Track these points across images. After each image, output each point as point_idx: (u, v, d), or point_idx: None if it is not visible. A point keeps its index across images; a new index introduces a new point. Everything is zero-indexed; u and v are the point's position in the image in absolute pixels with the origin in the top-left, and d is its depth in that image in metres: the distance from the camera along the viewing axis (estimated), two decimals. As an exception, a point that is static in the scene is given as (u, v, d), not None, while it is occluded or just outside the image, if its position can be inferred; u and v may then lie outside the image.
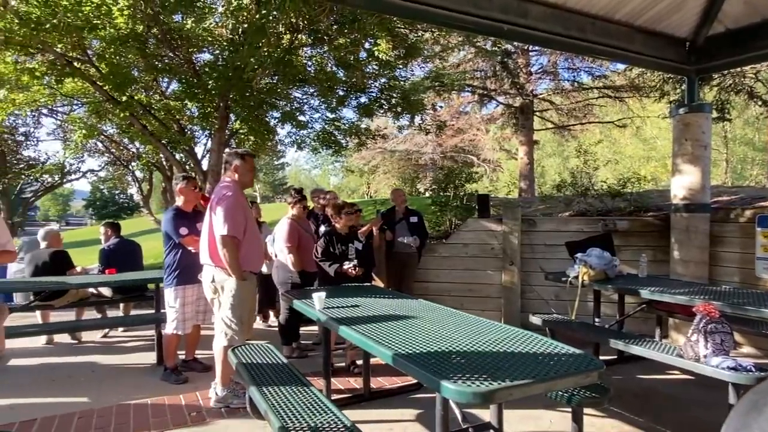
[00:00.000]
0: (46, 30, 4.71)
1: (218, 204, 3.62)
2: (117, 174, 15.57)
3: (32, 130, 12.81)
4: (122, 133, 8.96)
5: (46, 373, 4.66)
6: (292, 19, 5.27)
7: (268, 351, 3.55)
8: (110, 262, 5.87)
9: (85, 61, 5.83)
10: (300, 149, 9.67)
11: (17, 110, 6.99)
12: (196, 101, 6.89)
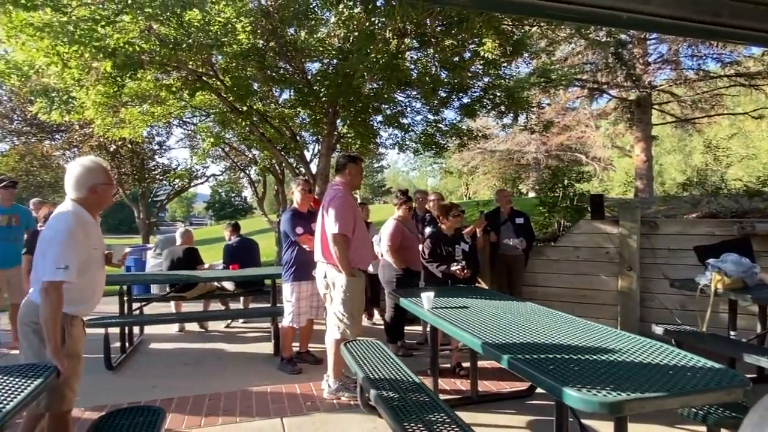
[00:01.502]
0: (182, 49, 5.29)
1: (330, 204, 3.81)
2: (234, 178, 16.95)
3: (165, 139, 14.44)
4: (242, 141, 9.75)
5: (179, 357, 5.19)
6: (399, 23, 5.38)
7: (379, 348, 3.65)
8: (233, 259, 6.42)
9: (212, 75, 6.44)
10: (402, 151, 9.83)
11: (155, 122, 7.93)
12: (307, 109, 7.30)
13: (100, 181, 2.54)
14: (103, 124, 6.92)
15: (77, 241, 2.37)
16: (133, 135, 7.87)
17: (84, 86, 5.82)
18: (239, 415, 3.64)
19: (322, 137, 7.90)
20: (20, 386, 2.16)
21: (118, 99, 6.42)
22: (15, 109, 11.97)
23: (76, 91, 6.02)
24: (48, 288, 2.29)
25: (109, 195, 2.64)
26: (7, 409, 1.95)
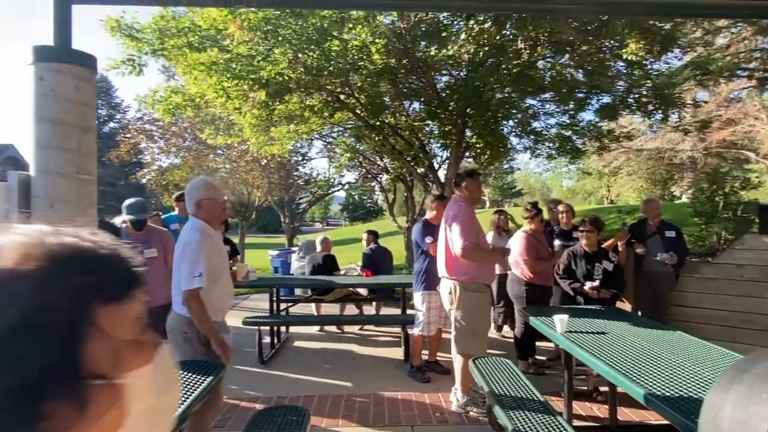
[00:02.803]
0: (323, 75, 5.79)
1: (453, 221, 3.88)
2: (366, 185, 17.84)
3: (307, 150, 15.76)
4: (375, 152, 10.28)
5: (319, 356, 5.66)
6: (531, 33, 5.27)
7: (508, 367, 3.62)
8: (368, 265, 6.82)
9: (349, 95, 6.91)
10: (534, 157, 9.51)
11: (299, 138, 8.74)
12: (437, 120, 7.46)
13: (205, 196, 2.85)
14: (257, 142, 7.84)
15: (206, 250, 2.71)
16: (281, 151, 8.76)
17: (242, 112, 6.68)
18: (372, 418, 3.87)
19: (450, 147, 8.00)
20: (196, 381, 2.58)
21: (269, 120, 7.21)
22: (186, 129, 14.05)
23: (236, 117, 6.93)
24: (188, 296, 2.66)
25: (215, 208, 2.88)
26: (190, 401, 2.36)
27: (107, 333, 0.48)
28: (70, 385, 0.44)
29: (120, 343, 0.49)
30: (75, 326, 0.45)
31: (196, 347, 2.84)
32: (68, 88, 3.27)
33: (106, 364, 0.47)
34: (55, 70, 3.26)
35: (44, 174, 3.23)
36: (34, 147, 3.27)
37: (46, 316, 0.43)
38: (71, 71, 3.31)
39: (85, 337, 0.46)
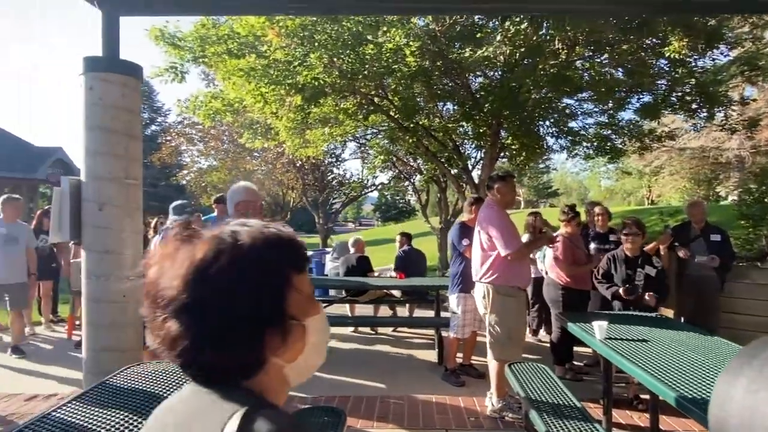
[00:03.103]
0: (358, 79, 5.85)
1: (488, 225, 3.85)
2: (399, 186, 17.89)
3: (340, 152, 15.95)
4: (409, 154, 10.30)
5: (354, 356, 5.71)
6: (569, 33, 5.17)
7: (544, 372, 3.57)
8: (401, 267, 6.85)
9: (383, 97, 6.95)
10: (571, 157, 9.32)
11: (333, 141, 8.85)
12: (471, 122, 7.42)
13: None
14: (292, 144, 7.99)
15: None
16: (316, 153, 8.89)
17: (279, 116, 6.82)
18: (407, 421, 3.89)
19: (485, 148, 7.94)
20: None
21: (305, 124, 7.34)
22: (224, 132, 14.45)
23: (273, 121, 7.08)
24: None
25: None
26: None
27: (299, 291, 0.75)
28: (279, 322, 0.72)
29: (305, 298, 0.76)
30: (282, 285, 0.73)
31: None
32: (115, 97, 3.43)
33: (298, 311, 0.75)
34: (104, 79, 3.42)
35: (94, 179, 3.40)
36: (84, 154, 3.44)
37: (269, 278, 0.72)
38: (118, 80, 3.47)
39: (287, 293, 0.73)
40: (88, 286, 3.40)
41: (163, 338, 0.69)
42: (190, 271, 0.68)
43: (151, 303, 0.71)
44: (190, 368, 0.72)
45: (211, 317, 0.68)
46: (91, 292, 3.38)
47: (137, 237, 3.57)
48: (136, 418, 2.04)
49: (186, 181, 19.10)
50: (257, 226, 0.75)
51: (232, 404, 0.66)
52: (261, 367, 0.72)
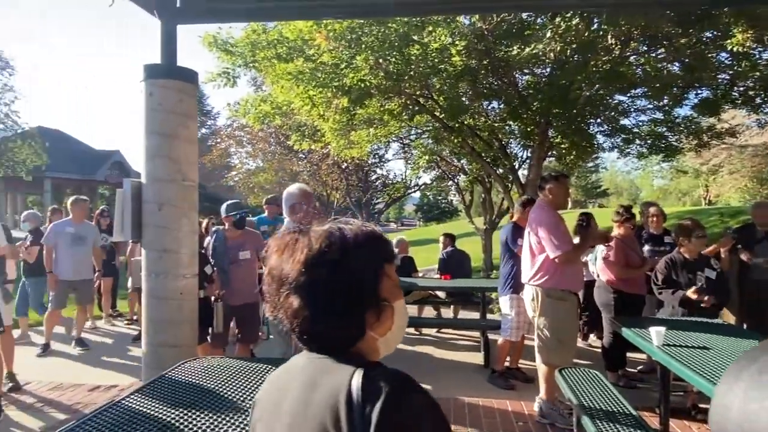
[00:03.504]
0: (404, 80, 5.87)
1: (538, 226, 3.76)
2: (442, 186, 17.79)
3: (383, 153, 16.03)
4: (453, 154, 10.23)
5: (397, 356, 5.71)
6: (623, 28, 4.99)
7: (596, 378, 3.47)
8: (446, 268, 6.81)
9: (428, 98, 6.94)
10: (623, 156, 8.98)
11: (378, 141, 8.91)
12: (518, 120, 7.28)
13: (297, 201, 3.25)
14: (337, 146, 8.09)
15: None
16: (360, 153, 8.97)
17: (326, 118, 6.93)
18: (453, 424, 3.86)
19: (533, 147, 7.78)
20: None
21: (350, 125, 7.42)
22: (271, 134, 14.82)
23: (319, 123, 7.21)
24: None
25: (293, 212, 3.26)
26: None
27: (389, 278, 0.92)
28: (374, 303, 0.89)
29: (393, 284, 0.92)
30: (378, 273, 0.90)
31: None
32: (173, 102, 3.58)
33: (388, 295, 0.91)
34: (162, 85, 3.58)
35: (153, 181, 3.56)
36: (145, 157, 3.61)
37: (369, 266, 0.89)
38: (176, 86, 3.62)
39: (381, 279, 0.90)
40: (148, 283, 3.56)
41: (285, 311, 0.88)
42: (308, 257, 0.86)
43: (275, 283, 0.90)
44: (306, 337, 0.89)
45: (323, 296, 0.85)
46: (151, 289, 3.54)
47: (193, 236, 3.71)
48: (193, 410, 2.13)
49: (234, 182, 19.70)
50: (357, 225, 0.93)
51: (350, 365, 0.84)
52: (360, 339, 0.90)
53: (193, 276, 3.67)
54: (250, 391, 2.36)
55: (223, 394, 2.30)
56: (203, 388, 2.40)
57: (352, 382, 0.80)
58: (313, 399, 0.83)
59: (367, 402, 0.78)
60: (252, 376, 2.56)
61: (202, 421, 2.02)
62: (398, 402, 0.79)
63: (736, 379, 0.49)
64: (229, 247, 4.44)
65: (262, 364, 2.79)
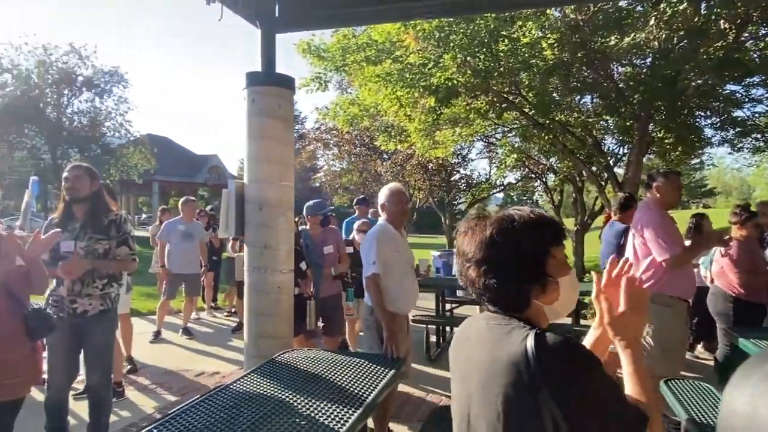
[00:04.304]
0: (493, 77, 5.76)
1: (644, 227, 3.51)
2: (528, 186, 17.21)
3: (467, 153, 15.82)
4: (543, 152, 9.87)
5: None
6: (740, 11, 4.51)
7: (709, 392, 3.18)
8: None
9: (517, 94, 6.75)
10: (736, 151, 8.15)
11: (462, 141, 8.81)
12: (615, 115, 6.87)
13: (387, 200, 3.26)
14: (422, 146, 8.11)
15: (379, 242, 3.11)
16: (445, 153, 8.92)
17: (411, 119, 6.98)
18: None
19: (632, 143, 7.29)
20: (380, 373, 2.76)
21: (435, 125, 7.41)
22: (357, 136, 15.18)
23: (405, 124, 7.27)
24: (367, 282, 3.08)
25: (393, 212, 3.27)
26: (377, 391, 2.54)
27: (555, 258, 1.09)
28: (540, 278, 1.07)
29: (559, 264, 1.09)
30: (544, 253, 1.08)
31: (374, 335, 3.13)
32: (273, 108, 3.78)
33: (553, 272, 1.08)
34: (263, 92, 3.79)
35: (255, 182, 3.78)
36: (247, 159, 3.84)
37: (534, 247, 1.07)
38: (275, 92, 3.81)
39: (547, 259, 1.07)
40: (250, 277, 3.79)
41: (468, 280, 1.12)
42: (485, 238, 1.07)
43: (461, 258, 1.14)
44: (484, 299, 1.12)
45: (497, 269, 1.06)
46: (252, 283, 3.76)
47: (290, 234, 3.89)
48: (293, 397, 2.24)
49: (320, 182, 20.43)
50: (527, 211, 1.11)
51: (524, 327, 1.02)
52: (529, 305, 1.09)
53: (289, 271, 3.85)
54: (346, 383, 2.43)
55: (321, 384, 2.40)
56: (302, 377, 2.51)
57: (527, 342, 0.97)
58: (498, 355, 1.02)
59: (541, 357, 0.95)
60: (347, 368, 2.64)
61: (303, 408, 2.11)
62: (563, 355, 0.96)
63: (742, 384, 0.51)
64: (314, 243, 4.71)
65: (355, 357, 2.87)
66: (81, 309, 2.98)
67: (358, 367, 2.71)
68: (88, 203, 3.06)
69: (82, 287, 2.98)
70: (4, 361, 2.26)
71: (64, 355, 3.01)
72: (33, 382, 2.50)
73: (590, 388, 0.95)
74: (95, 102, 22.27)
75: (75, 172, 3.06)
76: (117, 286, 3.17)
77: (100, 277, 3.04)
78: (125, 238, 3.10)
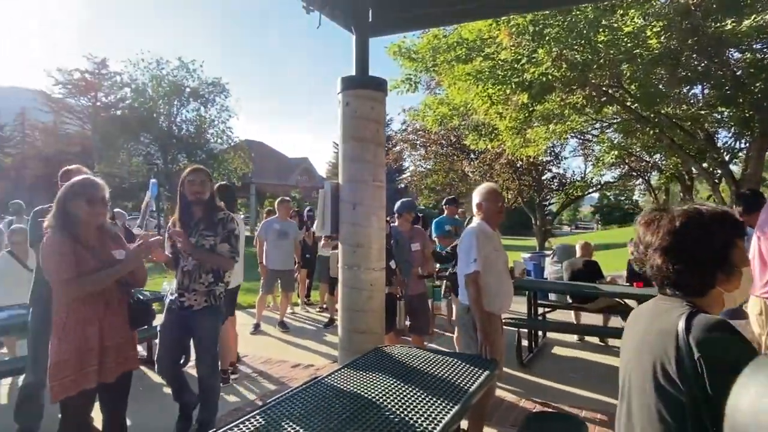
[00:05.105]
0: (591, 69, 5.46)
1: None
2: (629, 185, 16.10)
3: (560, 150, 15.11)
4: (647, 148, 9.18)
5: (580, 366, 5.33)
6: None
7: None
8: (636, 275, 6.11)
9: (618, 87, 6.35)
10: None
11: (556, 138, 8.44)
12: (732, 106, 6.22)
13: (483, 199, 3.24)
14: (512, 145, 7.89)
15: (478, 240, 3.08)
16: (537, 152, 8.60)
17: (502, 117, 6.82)
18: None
19: (751, 137, 6.56)
20: (474, 374, 2.72)
21: (526, 122, 7.18)
22: (444, 136, 15.10)
23: (496, 122, 7.12)
24: (467, 281, 3.05)
25: (490, 210, 3.24)
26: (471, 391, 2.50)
27: (739, 249, 1.18)
28: (725, 266, 1.17)
29: (742, 253, 1.19)
30: (728, 244, 1.17)
31: (471, 334, 3.09)
32: (366, 110, 3.87)
33: (737, 261, 1.17)
34: (357, 95, 3.90)
35: (349, 182, 3.90)
36: (341, 160, 3.98)
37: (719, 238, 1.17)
38: (368, 95, 3.91)
39: (731, 249, 1.17)
40: (343, 274, 3.92)
41: (654, 266, 1.23)
42: (674, 228, 1.19)
43: (642, 245, 1.26)
44: (664, 283, 1.24)
45: (686, 257, 1.18)
46: (346, 280, 3.89)
47: (381, 233, 3.97)
48: (387, 392, 2.27)
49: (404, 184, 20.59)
50: (711, 207, 1.22)
51: (683, 308, 1.14)
52: (709, 291, 1.19)
53: (381, 269, 3.93)
54: (440, 382, 2.43)
55: (414, 382, 2.41)
56: (396, 374, 2.54)
57: (679, 321, 1.09)
58: (653, 327, 1.18)
59: (692, 332, 1.06)
60: (440, 366, 2.64)
61: (396, 405, 2.12)
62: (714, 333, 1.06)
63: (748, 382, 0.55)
64: (404, 239, 4.78)
65: (449, 356, 2.86)
66: (187, 303, 3.22)
67: (452, 366, 2.70)
68: (206, 203, 3.30)
69: (190, 282, 3.22)
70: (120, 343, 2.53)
71: (169, 342, 3.29)
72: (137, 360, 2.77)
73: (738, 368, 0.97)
74: (200, 111, 24.27)
75: (201, 176, 3.28)
76: (222, 285, 3.37)
77: (206, 272, 3.25)
78: (228, 235, 3.28)
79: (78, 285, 2.28)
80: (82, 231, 2.40)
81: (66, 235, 2.33)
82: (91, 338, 2.35)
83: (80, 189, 2.39)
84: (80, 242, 2.37)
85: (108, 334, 2.43)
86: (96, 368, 2.37)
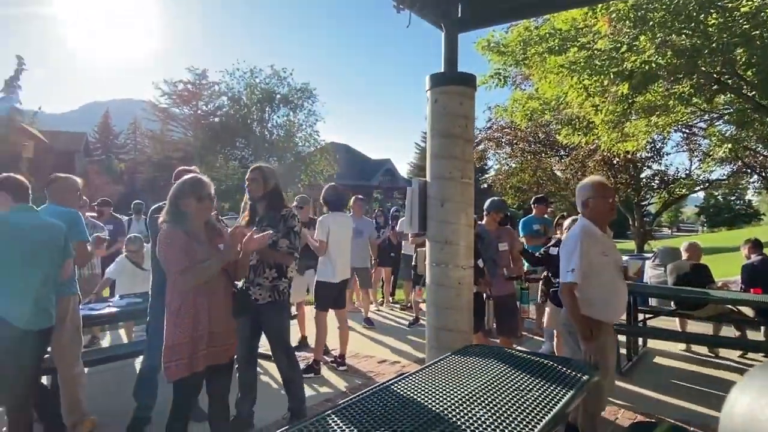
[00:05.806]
0: (701, 55, 5.00)
1: None
2: (741, 183, 14.53)
3: (661, 145, 13.95)
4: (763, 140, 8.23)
5: (685, 378, 4.89)
6: None
7: None
8: (753, 281, 5.52)
9: (732, 74, 5.75)
10: None
11: (658, 132, 7.82)
12: None
13: (592, 195, 2.87)
14: (608, 140, 7.42)
15: (583, 247, 2.74)
16: (636, 147, 8.03)
17: (599, 109, 6.45)
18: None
19: None
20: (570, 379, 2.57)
21: (624, 115, 6.73)
22: (531, 133, 14.56)
23: (591, 116, 6.75)
24: (562, 290, 2.82)
25: (600, 207, 2.87)
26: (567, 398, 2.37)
27: None
28: None
29: None
30: None
31: (576, 339, 2.91)
32: (455, 106, 3.83)
33: None
34: (446, 91, 3.87)
35: (437, 179, 3.88)
36: (429, 157, 3.97)
37: None
38: (457, 91, 3.86)
39: None
40: (431, 272, 3.91)
41: None
42: None
43: None
44: None
45: None
46: (434, 277, 3.87)
47: (469, 230, 3.91)
48: (476, 393, 2.20)
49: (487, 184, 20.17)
50: None
51: None
52: None
53: (469, 267, 3.87)
54: (532, 386, 2.32)
55: (505, 384, 2.31)
56: (485, 375, 2.46)
57: None
58: None
59: None
60: (532, 369, 2.53)
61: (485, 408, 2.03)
62: None
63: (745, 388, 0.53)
64: (490, 238, 4.67)
65: (542, 359, 2.74)
66: (253, 297, 3.34)
67: (547, 370, 2.58)
68: (266, 200, 3.44)
69: (255, 276, 3.34)
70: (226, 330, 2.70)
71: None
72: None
73: None
74: (290, 116, 25.49)
75: (251, 175, 3.46)
76: (285, 281, 3.46)
77: (269, 267, 3.37)
78: (288, 231, 3.38)
79: (192, 275, 2.47)
80: (192, 225, 2.59)
81: (179, 228, 2.54)
82: (202, 325, 2.53)
83: (189, 187, 2.58)
84: (191, 236, 2.57)
85: (215, 321, 2.60)
86: (205, 353, 2.55)
